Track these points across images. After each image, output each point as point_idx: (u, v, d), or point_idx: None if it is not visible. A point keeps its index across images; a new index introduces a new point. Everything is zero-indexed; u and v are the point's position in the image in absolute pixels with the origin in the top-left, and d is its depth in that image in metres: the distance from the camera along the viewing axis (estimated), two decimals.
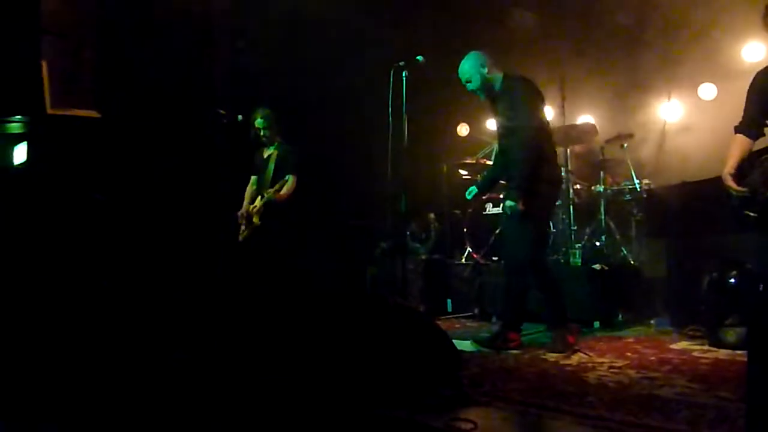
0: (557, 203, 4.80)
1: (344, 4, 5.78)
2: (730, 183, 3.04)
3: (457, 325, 4.97)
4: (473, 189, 4.13)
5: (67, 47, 4.72)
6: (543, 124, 3.77)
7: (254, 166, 5.14)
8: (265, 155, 5.05)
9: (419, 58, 3.85)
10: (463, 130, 7.71)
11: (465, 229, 6.00)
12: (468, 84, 3.76)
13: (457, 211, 6.62)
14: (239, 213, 4.98)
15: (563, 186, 4.88)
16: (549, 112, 5.61)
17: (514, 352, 3.64)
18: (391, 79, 3.87)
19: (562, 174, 4.32)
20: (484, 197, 6.02)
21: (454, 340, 3.81)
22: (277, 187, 4.78)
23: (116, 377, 2.69)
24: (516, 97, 3.66)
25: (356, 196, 5.42)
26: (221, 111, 4.92)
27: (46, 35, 4.58)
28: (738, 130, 3.17)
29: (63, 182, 3.96)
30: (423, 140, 6.22)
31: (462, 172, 6.48)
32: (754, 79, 3.09)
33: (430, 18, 6.53)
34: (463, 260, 5.95)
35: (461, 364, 2.87)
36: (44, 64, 4.48)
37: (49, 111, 4.37)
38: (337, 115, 5.12)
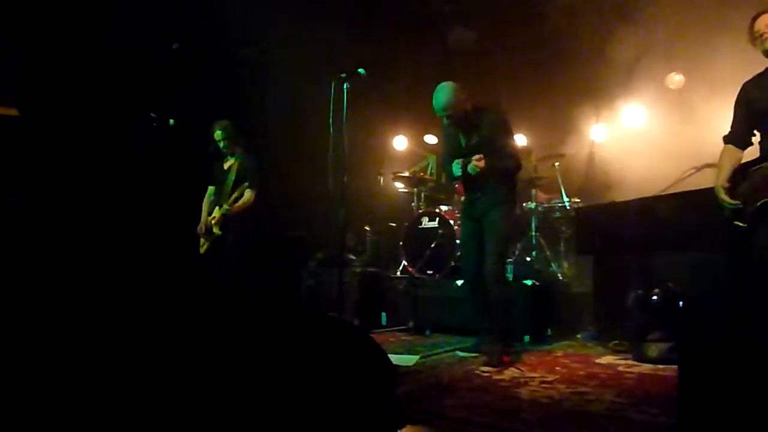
0: None
1: (285, 13, 5.72)
2: (723, 196, 3.10)
3: (391, 339, 4.96)
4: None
5: None
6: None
7: (212, 176, 5.09)
8: (226, 166, 5.01)
9: (361, 70, 3.85)
10: (400, 143, 7.78)
11: (400, 243, 6.03)
12: (447, 116, 3.88)
13: (393, 224, 6.65)
14: (198, 226, 4.93)
15: None
16: None
17: (447, 367, 3.67)
18: (332, 91, 3.84)
19: None
20: (420, 211, 6.10)
21: (390, 354, 3.82)
22: (235, 196, 4.76)
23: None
24: (504, 131, 3.97)
25: (292, 206, 5.35)
26: (152, 114, 4.75)
27: None
28: (727, 140, 3.25)
29: None
30: (360, 152, 6.22)
31: (398, 184, 6.51)
32: (741, 90, 3.20)
33: (373, 32, 6.56)
34: (399, 273, 5.97)
35: (397, 380, 2.84)
36: None
37: None
38: (277, 124, 5.05)
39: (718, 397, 1.49)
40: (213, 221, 4.83)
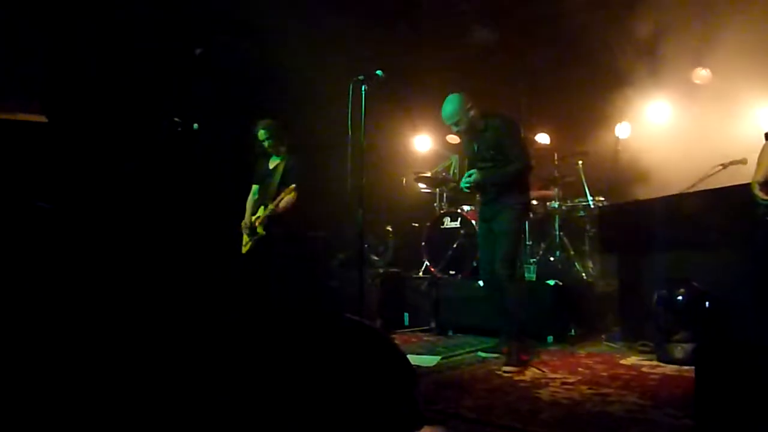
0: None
1: (303, 16, 5.77)
2: (757, 191, 3.07)
3: (413, 339, 4.96)
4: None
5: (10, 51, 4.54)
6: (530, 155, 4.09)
7: (256, 175, 5.05)
8: (271, 166, 4.96)
9: (379, 72, 3.84)
10: (423, 143, 7.77)
11: (422, 243, 6.02)
12: (455, 125, 4.04)
13: (415, 224, 6.64)
14: (242, 223, 4.90)
15: None
16: None
17: (468, 368, 3.66)
18: (350, 93, 3.85)
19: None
20: (442, 211, 6.09)
21: (411, 355, 3.83)
22: (281, 197, 4.68)
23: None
24: (508, 135, 4.01)
25: (314, 208, 5.38)
26: (176, 119, 4.81)
27: None
28: None
29: (4, 189, 3.79)
30: (382, 153, 6.23)
31: (420, 185, 6.50)
32: None
33: (392, 33, 6.56)
34: (420, 274, 5.96)
35: (416, 381, 2.84)
36: None
37: None
38: (297, 127, 5.07)
39: (735, 397, 1.46)
40: (258, 221, 4.76)
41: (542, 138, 6.61)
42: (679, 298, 3.78)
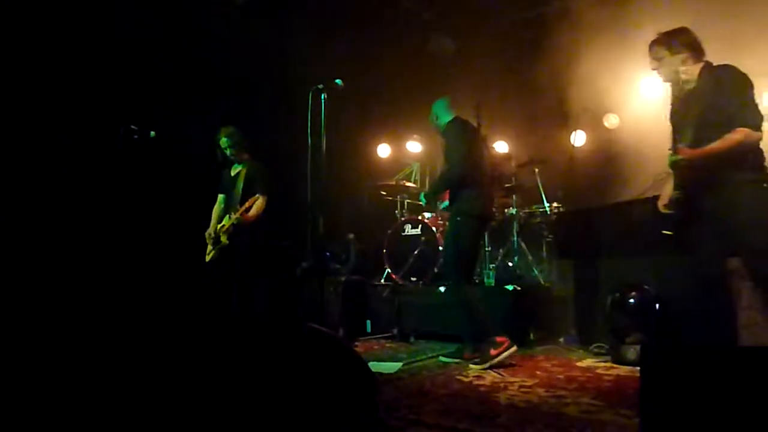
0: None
1: (262, 24, 5.76)
2: (659, 204, 3.25)
3: (376, 346, 4.98)
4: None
5: None
6: (467, 159, 4.10)
7: (221, 184, 5.00)
8: (233, 173, 4.92)
9: (338, 81, 3.88)
10: (383, 151, 7.83)
11: (384, 250, 6.06)
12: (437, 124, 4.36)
13: (377, 232, 6.68)
14: (206, 233, 4.83)
15: None
16: None
17: (429, 373, 3.70)
18: (310, 102, 3.86)
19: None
20: (403, 218, 6.14)
21: (373, 362, 3.85)
22: (246, 206, 4.63)
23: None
24: (448, 136, 4.22)
25: (276, 216, 5.36)
26: (133, 127, 4.73)
27: None
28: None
29: None
30: (343, 162, 6.24)
31: (382, 192, 6.55)
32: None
33: (351, 41, 6.60)
34: (383, 281, 5.99)
35: (377, 388, 2.86)
36: None
37: None
38: (257, 136, 5.05)
39: (678, 398, 1.53)
40: (222, 230, 4.72)
41: (500, 146, 6.74)
42: (632, 301, 3.91)
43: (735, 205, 2.88)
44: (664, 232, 3.13)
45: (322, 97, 3.85)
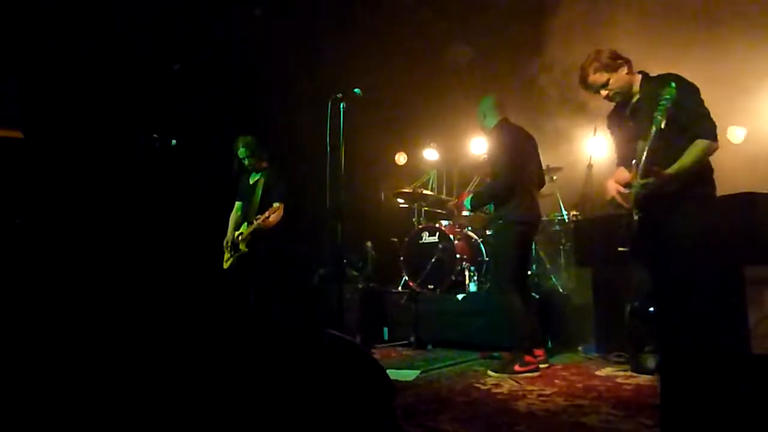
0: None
1: (282, 33, 5.82)
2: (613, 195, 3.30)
3: (393, 354, 4.99)
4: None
5: None
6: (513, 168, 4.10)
7: (238, 192, 5.06)
8: (252, 181, 4.97)
9: (357, 90, 3.92)
10: (400, 159, 7.86)
11: (401, 258, 6.07)
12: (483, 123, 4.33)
13: (394, 239, 6.69)
14: (225, 240, 4.87)
15: None
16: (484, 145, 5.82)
17: (447, 381, 3.70)
18: (329, 111, 3.91)
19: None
20: (420, 226, 6.15)
21: (391, 369, 3.85)
22: (266, 214, 4.67)
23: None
24: (495, 144, 4.21)
25: (294, 224, 5.41)
26: (154, 135, 4.81)
27: None
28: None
29: None
30: (361, 169, 6.29)
31: (399, 200, 6.57)
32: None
33: (369, 50, 6.65)
34: (400, 288, 6.00)
35: (395, 395, 2.87)
36: None
37: None
38: (276, 144, 5.11)
39: (699, 407, 1.53)
40: (240, 237, 4.77)
41: None
42: (650, 309, 3.87)
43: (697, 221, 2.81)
44: (621, 249, 3.12)
45: (341, 106, 3.89)
